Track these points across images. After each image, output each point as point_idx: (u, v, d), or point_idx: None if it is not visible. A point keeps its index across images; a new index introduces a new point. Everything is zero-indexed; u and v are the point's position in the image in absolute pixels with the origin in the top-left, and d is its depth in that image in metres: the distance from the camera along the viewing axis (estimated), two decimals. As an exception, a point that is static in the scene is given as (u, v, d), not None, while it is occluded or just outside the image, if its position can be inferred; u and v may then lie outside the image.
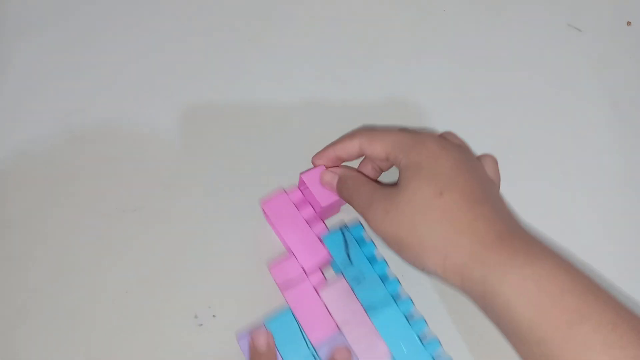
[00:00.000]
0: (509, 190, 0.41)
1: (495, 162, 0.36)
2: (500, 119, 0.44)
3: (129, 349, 0.37)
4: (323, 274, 0.37)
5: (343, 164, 0.38)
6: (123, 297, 0.38)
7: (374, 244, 0.37)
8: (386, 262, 0.37)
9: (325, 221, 0.39)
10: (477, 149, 0.43)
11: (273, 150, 0.42)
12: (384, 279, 0.36)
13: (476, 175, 0.33)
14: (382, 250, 0.37)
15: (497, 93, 0.45)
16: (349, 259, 0.36)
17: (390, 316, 0.34)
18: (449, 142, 0.34)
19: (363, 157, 0.38)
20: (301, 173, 0.37)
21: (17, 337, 0.38)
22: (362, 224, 0.38)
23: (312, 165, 0.38)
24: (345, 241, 0.36)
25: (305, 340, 0.34)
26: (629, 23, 0.48)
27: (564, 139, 0.43)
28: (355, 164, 0.39)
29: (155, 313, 0.38)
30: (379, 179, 0.40)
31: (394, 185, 0.33)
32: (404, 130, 0.35)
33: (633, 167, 0.42)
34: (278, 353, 0.34)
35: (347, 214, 0.40)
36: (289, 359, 0.34)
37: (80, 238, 0.40)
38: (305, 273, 0.36)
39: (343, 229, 0.37)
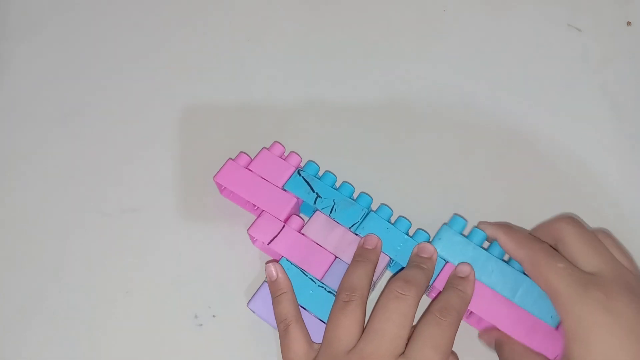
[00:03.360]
0: (508, 191, 0.41)
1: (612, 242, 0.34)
2: (500, 119, 0.44)
3: (129, 349, 0.37)
4: (299, 216, 0.38)
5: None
6: (123, 297, 0.38)
7: (331, 173, 0.39)
8: (350, 184, 0.38)
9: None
10: (477, 148, 0.43)
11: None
12: (353, 198, 0.38)
13: None
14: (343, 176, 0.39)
15: (497, 93, 0.45)
16: (317, 194, 0.37)
17: (375, 225, 0.36)
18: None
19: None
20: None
21: (17, 337, 0.38)
22: (313, 161, 0.39)
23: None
24: (306, 181, 0.38)
25: (310, 279, 0.35)
26: (629, 23, 0.48)
27: (564, 138, 0.43)
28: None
29: (155, 313, 0.38)
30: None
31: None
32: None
33: (633, 167, 0.42)
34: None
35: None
36: (304, 301, 0.34)
37: (80, 238, 0.40)
38: (284, 223, 0.37)
39: (299, 171, 0.38)
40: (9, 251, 0.40)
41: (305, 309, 0.34)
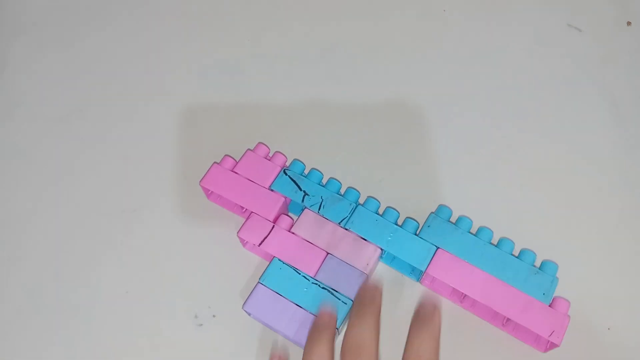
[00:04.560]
0: (509, 191, 0.41)
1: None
2: (500, 119, 0.44)
3: (129, 349, 0.37)
4: (288, 216, 0.38)
5: None
6: (123, 297, 0.38)
7: (317, 170, 0.39)
8: (337, 180, 0.39)
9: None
10: (477, 148, 0.43)
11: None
12: (341, 193, 0.38)
13: None
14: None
15: (497, 93, 0.45)
16: (304, 192, 0.38)
17: (363, 218, 0.37)
18: None
19: None
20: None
21: (17, 337, 0.38)
22: (298, 160, 0.40)
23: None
24: (292, 179, 0.38)
25: (304, 277, 0.36)
26: (629, 23, 0.48)
27: (564, 139, 0.43)
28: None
29: (155, 313, 0.38)
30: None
31: None
32: None
33: (633, 167, 0.42)
34: (287, 300, 0.35)
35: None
36: (299, 299, 0.35)
37: (80, 238, 0.40)
38: (273, 223, 0.37)
39: (285, 170, 0.39)
40: (9, 251, 0.40)
41: (300, 307, 0.35)
